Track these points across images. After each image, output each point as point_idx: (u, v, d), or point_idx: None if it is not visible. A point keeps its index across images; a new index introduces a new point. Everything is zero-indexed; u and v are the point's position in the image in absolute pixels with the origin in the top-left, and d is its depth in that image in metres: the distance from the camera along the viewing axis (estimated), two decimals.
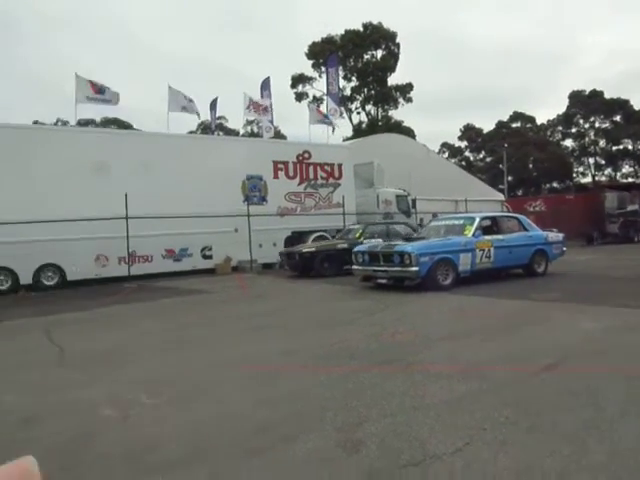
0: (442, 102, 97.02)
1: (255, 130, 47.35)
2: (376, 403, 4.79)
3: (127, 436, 4.41)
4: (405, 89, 47.54)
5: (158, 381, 5.98)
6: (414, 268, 11.61)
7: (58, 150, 15.67)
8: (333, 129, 24.66)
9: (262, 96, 25.82)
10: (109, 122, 40.92)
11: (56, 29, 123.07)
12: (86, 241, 15.30)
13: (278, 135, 34.26)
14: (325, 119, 23.91)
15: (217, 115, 31.22)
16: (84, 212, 14.86)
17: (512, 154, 55.85)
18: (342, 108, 32.52)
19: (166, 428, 4.53)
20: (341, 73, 35.65)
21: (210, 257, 18.26)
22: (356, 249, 13.43)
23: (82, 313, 11.20)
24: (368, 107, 48.02)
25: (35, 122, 35.41)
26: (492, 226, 13.39)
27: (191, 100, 21.31)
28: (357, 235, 16.39)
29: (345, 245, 15.83)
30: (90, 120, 37.59)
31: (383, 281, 12.53)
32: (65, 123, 40.25)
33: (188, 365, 6.61)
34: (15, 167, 14.91)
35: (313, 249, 16.06)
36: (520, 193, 60.59)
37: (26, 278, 15.19)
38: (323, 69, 41.99)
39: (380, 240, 15.15)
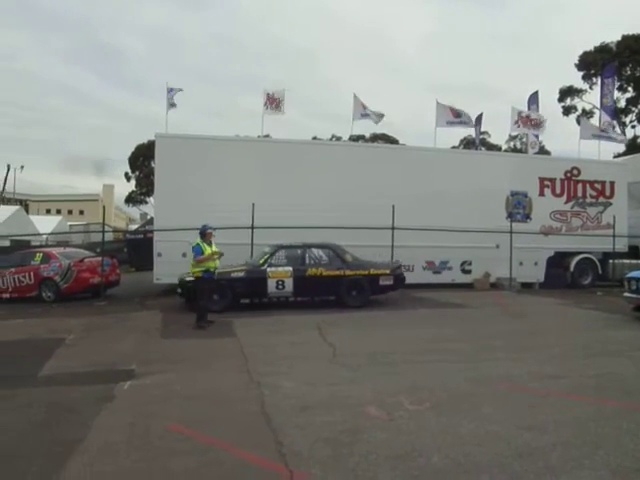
0: None
1: (518, 145, 45.68)
2: None
3: (392, 438, 4.67)
4: None
5: (418, 388, 6.20)
6: None
7: (334, 163, 17.15)
8: (618, 142, 22.41)
9: (529, 110, 24.90)
10: (377, 137, 43.20)
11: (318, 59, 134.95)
12: (355, 248, 16.38)
13: (542, 151, 32.53)
14: (602, 133, 22.03)
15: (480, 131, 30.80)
16: (353, 221, 15.95)
17: None
18: (615, 122, 29.50)
19: (428, 436, 4.70)
20: (616, 83, 32.31)
21: (469, 272, 18.12)
22: (629, 275, 12.20)
23: (350, 314, 12.08)
24: None
25: (314, 137, 39.01)
26: None
27: (459, 114, 21.47)
28: (261, 261, 13.33)
29: (241, 274, 12.99)
30: (361, 136, 40.08)
31: None
32: (339, 138, 43.62)
33: (446, 377, 6.73)
34: (294, 177, 16.67)
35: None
36: None
37: None
38: (594, 80, 38.75)
39: (290, 268, 13.17)
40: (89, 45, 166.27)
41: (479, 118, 26.93)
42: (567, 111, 42.60)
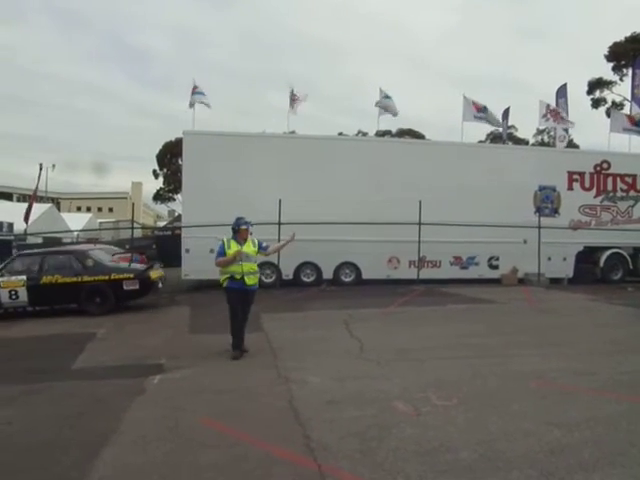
0: None
1: (546, 139, 44.95)
2: None
3: (420, 433, 4.66)
4: None
5: (446, 384, 6.18)
6: None
7: (359, 158, 17.19)
8: None
9: (557, 104, 24.49)
10: (404, 132, 42.85)
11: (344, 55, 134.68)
12: (381, 244, 16.47)
13: (571, 144, 31.88)
14: (634, 127, 21.54)
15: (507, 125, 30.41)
16: (380, 216, 15.99)
17: None
18: None
19: (456, 432, 4.68)
20: None
21: (496, 267, 18.01)
22: None
23: (377, 310, 12.05)
24: None
25: (340, 133, 38.92)
26: None
27: (483, 109, 21.29)
28: None
29: None
30: (387, 131, 39.83)
31: None
32: (365, 134, 43.37)
33: (474, 372, 6.68)
34: (320, 173, 16.76)
35: None
36: None
37: (328, 273, 17.03)
38: (625, 71, 37.89)
39: (23, 277, 12.23)
40: (115, 45, 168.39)
41: (506, 112, 26.59)
42: (596, 103, 41.72)
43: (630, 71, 31.19)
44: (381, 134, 29.41)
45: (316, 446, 4.41)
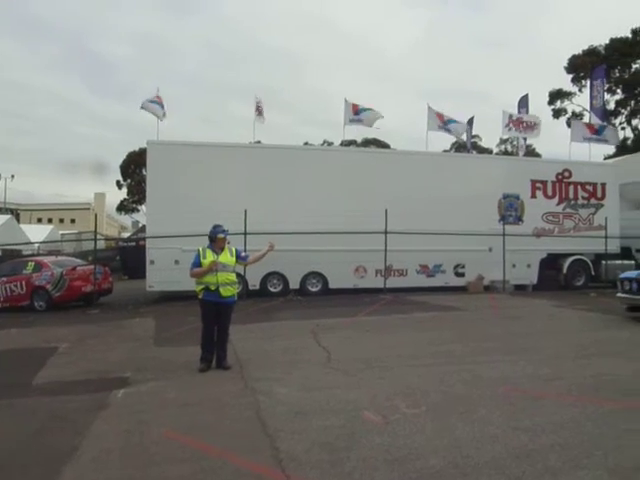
0: None
1: (509, 149, 45.90)
2: None
3: (389, 441, 4.64)
4: None
5: (414, 391, 6.18)
6: None
7: (326, 168, 17.21)
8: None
9: (519, 114, 25.00)
10: (369, 142, 43.25)
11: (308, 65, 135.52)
12: (348, 253, 16.48)
13: (533, 153, 32.52)
14: (595, 135, 22.12)
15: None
16: (346, 226, 16.00)
17: None
18: (605, 123, 29.66)
19: (425, 439, 4.68)
20: (605, 85, 32.47)
21: (462, 275, 18.18)
22: (623, 276, 12.26)
23: (344, 319, 12.03)
24: (634, 122, 42.61)
25: (305, 143, 39.04)
26: None
27: (448, 121, 21.57)
28: None
29: None
30: (352, 141, 40.16)
31: None
32: (331, 144, 43.62)
33: (442, 379, 6.71)
34: (286, 183, 16.73)
35: None
36: None
37: (295, 283, 16.96)
38: (584, 83, 39.02)
39: None
40: (77, 53, 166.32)
41: (470, 121, 27.00)
42: (557, 114, 42.80)
43: (588, 82, 32.05)
44: (347, 144, 29.53)
45: (285, 457, 4.35)
